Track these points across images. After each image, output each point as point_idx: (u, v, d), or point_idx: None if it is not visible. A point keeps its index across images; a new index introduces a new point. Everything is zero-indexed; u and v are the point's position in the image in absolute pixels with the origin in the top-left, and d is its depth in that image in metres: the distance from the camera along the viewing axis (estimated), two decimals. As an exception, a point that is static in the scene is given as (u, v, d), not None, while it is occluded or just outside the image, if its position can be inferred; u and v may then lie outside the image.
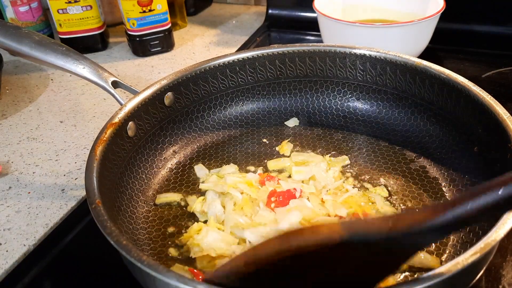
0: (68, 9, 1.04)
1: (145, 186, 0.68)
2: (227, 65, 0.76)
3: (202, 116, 0.78)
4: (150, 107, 0.69)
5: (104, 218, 0.49)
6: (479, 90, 0.62)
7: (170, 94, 0.72)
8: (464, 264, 0.41)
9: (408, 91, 0.73)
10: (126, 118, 0.65)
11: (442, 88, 0.68)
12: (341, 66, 0.77)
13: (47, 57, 0.67)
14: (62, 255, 0.62)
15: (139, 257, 0.44)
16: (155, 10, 1.03)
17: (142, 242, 0.60)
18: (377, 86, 0.77)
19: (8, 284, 0.58)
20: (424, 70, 0.69)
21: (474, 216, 0.31)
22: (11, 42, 0.68)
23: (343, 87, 0.79)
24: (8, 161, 0.77)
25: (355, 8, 1.03)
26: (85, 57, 0.69)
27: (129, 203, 0.63)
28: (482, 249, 0.42)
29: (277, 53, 0.77)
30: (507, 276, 0.54)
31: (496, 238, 0.43)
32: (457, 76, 0.66)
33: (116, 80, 0.69)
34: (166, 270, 0.42)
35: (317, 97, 0.81)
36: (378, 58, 0.74)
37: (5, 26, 0.70)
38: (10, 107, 0.93)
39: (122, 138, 0.64)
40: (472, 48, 1.03)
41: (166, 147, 0.74)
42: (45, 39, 0.69)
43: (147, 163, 0.70)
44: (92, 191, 0.52)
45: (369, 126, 0.78)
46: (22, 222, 0.66)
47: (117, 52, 1.13)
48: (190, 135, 0.77)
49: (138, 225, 0.62)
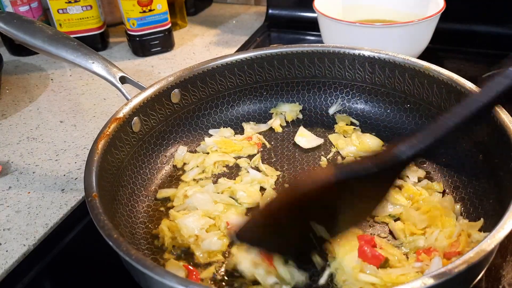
0: (68, 9, 1.04)
1: (148, 181, 0.68)
2: (235, 63, 0.76)
3: (209, 113, 0.78)
4: (156, 103, 0.70)
5: (98, 212, 0.49)
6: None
7: (177, 91, 0.72)
8: (464, 265, 0.41)
9: (416, 95, 0.72)
10: (131, 114, 0.65)
11: (450, 93, 0.67)
12: (343, 67, 0.77)
13: (58, 51, 0.68)
14: (62, 255, 0.62)
15: (127, 251, 0.44)
16: (155, 10, 1.03)
17: (140, 236, 0.60)
18: (385, 89, 0.76)
19: (8, 284, 0.58)
20: (432, 74, 0.68)
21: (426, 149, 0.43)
22: (24, 36, 0.69)
23: (351, 89, 0.79)
24: (8, 161, 0.77)
25: (355, 8, 1.03)
26: (95, 52, 0.70)
27: (131, 197, 0.64)
28: (480, 252, 0.42)
29: (286, 53, 0.77)
30: (507, 276, 0.54)
31: (494, 241, 0.43)
32: (465, 81, 0.65)
33: (124, 76, 0.70)
34: (153, 264, 0.43)
35: (325, 98, 0.81)
36: (386, 60, 0.73)
37: (20, 19, 0.71)
38: (10, 107, 0.93)
39: (126, 133, 0.65)
40: (472, 48, 1.03)
41: (171, 143, 0.74)
42: (58, 34, 0.70)
43: (151, 158, 0.70)
44: (90, 184, 0.53)
45: (376, 129, 0.77)
46: (22, 222, 0.65)
47: (117, 52, 1.13)
48: (196, 132, 0.77)
49: (137, 219, 0.63)
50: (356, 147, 0.73)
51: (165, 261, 0.57)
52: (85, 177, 0.54)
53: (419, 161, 0.69)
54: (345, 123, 0.78)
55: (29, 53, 1.12)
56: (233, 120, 0.80)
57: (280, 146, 0.76)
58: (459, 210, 0.61)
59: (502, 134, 0.56)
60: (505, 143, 0.56)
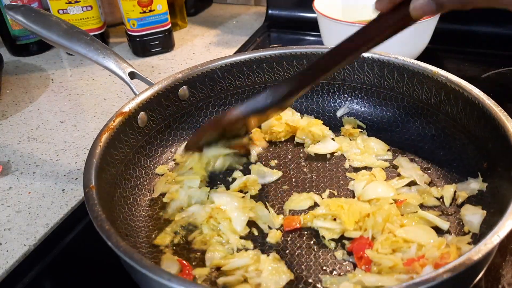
0: (69, 9, 1.04)
1: (152, 176, 0.69)
2: (244, 63, 0.77)
3: (217, 111, 0.78)
4: (164, 99, 0.70)
5: (94, 203, 0.50)
6: (493, 104, 0.60)
7: (185, 88, 0.73)
8: (463, 266, 0.41)
9: (424, 100, 0.71)
10: (137, 109, 0.66)
11: (457, 99, 0.66)
12: (352, 70, 0.77)
13: (72, 45, 0.70)
14: (62, 255, 0.63)
15: (117, 243, 0.45)
16: (155, 11, 1.03)
17: (139, 229, 0.61)
18: (393, 93, 0.75)
19: (9, 284, 0.58)
20: (440, 80, 0.68)
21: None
22: (41, 29, 0.71)
23: (360, 92, 0.78)
24: (8, 161, 0.78)
25: (355, 8, 1.03)
26: (107, 47, 0.71)
27: (133, 190, 0.65)
28: (479, 252, 0.42)
29: (300, 53, 0.77)
30: (507, 276, 0.54)
31: (494, 241, 0.43)
32: (473, 88, 0.64)
33: (133, 71, 0.71)
34: (140, 257, 0.43)
35: (333, 100, 0.80)
36: (395, 64, 0.72)
37: (37, 13, 0.73)
38: (11, 107, 0.93)
39: (132, 127, 0.66)
40: (472, 48, 1.03)
41: (177, 139, 0.74)
42: (73, 28, 0.72)
43: (156, 153, 0.71)
44: (89, 176, 0.53)
45: (383, 133, 0.76)
46: (22, 222, 0.66)
47: (117, 52, 1.11)
48: None
49: (138, 212, 0.63)
50: (360, 150, 0.72)
51: (161, 255, 0.57)
52: (85, 168, 0.54)
53: (424, 166, 0.69)
54: (351, 126, 0.77)
55: (29, 53, 1.12)
56: None
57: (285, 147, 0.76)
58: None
59: (506, 142, 0.56)
60: (508, 151, 0.55)
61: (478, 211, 0.58)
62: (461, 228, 0.59)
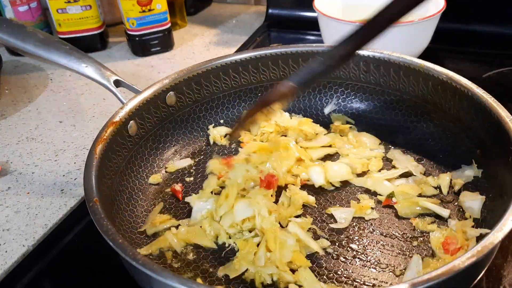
0: (68, 8, 1.04)
1: (146, 185, 0.68)
2: (230, 65, 0.76)
3: (204, 116, 0.78)
4: (152, 106, 0.69)
5: (101, 217, 0.49)
6: (482, 92, 0.61)
7: (172, 93, 0.72)
8: (463, 266, 0.41)
9: (411, 93, 0.72)
10: (127, 117, 0.65)
11: (445, 90, 0.67)
12: (344, 67, 0.77)
13: (50, 56, 0.67)
14: (61, 256, 0.62)
15: (134, 255, 0.44)
16: (155, 10, 1.03)
17: (140, 242, 0.60)
18: (380, 87, 0.75)
19: (8, 285, 0.58)
20: (427, 72, 0.68)
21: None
22: (15, 41, 0.68)
23: (346, 88, 0.79)
24: (7, 161, 0.77)
25: (355, 8, 1.02)
26: (88, 55, 0.69)
27: (129, 201, 0.64)
28: (480, 252, 0.42)
29: (280, 53, 0.77)
30: (508, 276, 0.54)
31: (494, 241, 0.43)
32: (461, 78, 0.65)
33: (118, 79, 0.69)
34: (161, 268, 0.43)
35: (320, 97, 0.80)
36: (380, 59, 0.73)
37: (10, 24, 0.71)
38: (9, 107, 0.93)
39: (123, 137, 0.64)
40: (472, 48, 1.03)
41: (167, 147, 0.74)
42: (50, 38, 0.69)
43: (148, 162, 0.70)
44: (90, 189, 0.53)
45: (372, 127, 0.76)
46: (21, 222, 0.65)
47: (117, 51, 1.13)
48: (192, 135, 0.77)
49: (137, 224, 0.62)
50: (353, 145, 0.73)
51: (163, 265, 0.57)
52: (84, 183, 0.54)
53: (417, 157, 0.69)
54: (340, 122, 0.78)
55: (28, 53, 1.12)
56: (229, 122, 0.79)
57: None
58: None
59: (500, 129, 0.57)
60: (503, 137, 0.56)
61: (477, 197, 0.60)
62: (461, 215, 0.60)
